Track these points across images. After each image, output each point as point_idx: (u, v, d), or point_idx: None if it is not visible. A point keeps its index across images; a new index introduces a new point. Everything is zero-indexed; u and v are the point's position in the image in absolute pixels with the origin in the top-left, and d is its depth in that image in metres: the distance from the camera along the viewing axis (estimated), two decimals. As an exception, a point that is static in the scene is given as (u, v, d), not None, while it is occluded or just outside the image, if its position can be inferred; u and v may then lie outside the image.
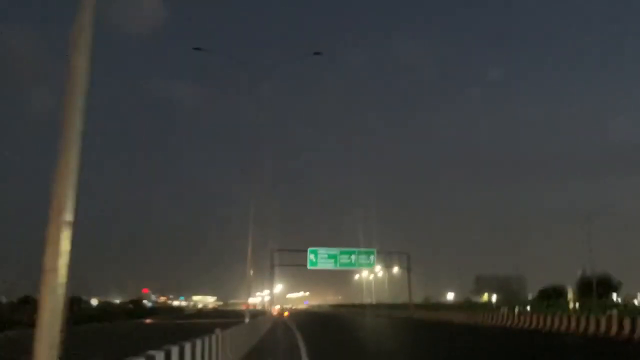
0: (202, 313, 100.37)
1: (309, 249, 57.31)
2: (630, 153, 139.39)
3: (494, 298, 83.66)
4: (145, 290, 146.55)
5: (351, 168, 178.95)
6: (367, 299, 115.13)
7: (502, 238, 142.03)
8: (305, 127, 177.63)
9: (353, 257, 57.54)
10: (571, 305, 41.48)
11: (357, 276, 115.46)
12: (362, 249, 58.23)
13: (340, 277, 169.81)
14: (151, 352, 5.60)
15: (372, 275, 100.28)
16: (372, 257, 57.67)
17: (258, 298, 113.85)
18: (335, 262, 57.27)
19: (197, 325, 37.45)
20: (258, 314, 38.60)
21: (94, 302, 57.60)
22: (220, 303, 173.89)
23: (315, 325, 35.96)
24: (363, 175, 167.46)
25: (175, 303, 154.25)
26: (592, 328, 24.54)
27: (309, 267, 56.94)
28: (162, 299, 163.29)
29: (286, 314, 54.32)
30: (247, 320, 21.02)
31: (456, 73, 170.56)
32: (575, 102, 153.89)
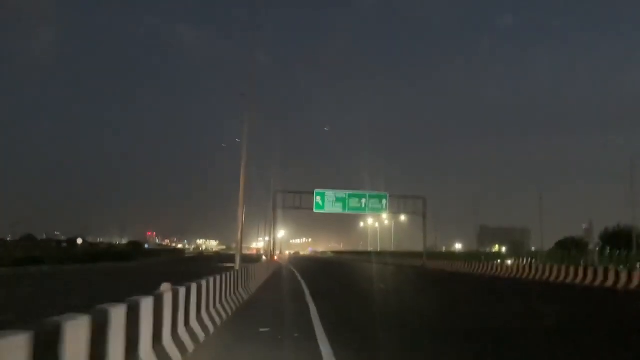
0: (202, 256, 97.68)
1: (316, 191, 52.08)
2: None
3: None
4: (149, 233, 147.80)
5: (356, 114, 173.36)
6: (369, 247, 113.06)
7: (512, 190, 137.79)
8: (310, 69, 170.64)
9: (363, 200, 52.28)
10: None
11: (362, 224, 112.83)
12: (374, 193, 52.89)
13: (343, 225, 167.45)
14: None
15: (378, 222, 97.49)
16: (384, 201, 52.35)
17: (261, 243, 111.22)
18: (344, 205, 52.09)
19: (182, 269, 33.40)
20: (255, 259, 34.05)
21: (79, 241, 52.96)
22: (224, 247, 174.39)
23: (323, 278, 31.03)
24: (371, 121, 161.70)
25: (180, 246, 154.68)
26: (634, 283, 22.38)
27: (315, 210, 51.86)
28: (166, 241, 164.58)
29: (275, 257, 49.58)
30: (237, 267, 15.74)
31: (465, 21, 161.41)
32: (588, 52, 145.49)
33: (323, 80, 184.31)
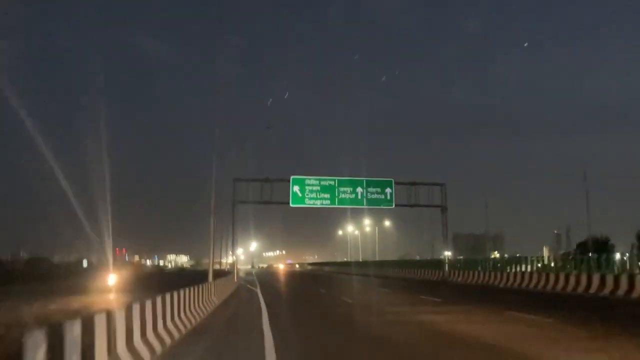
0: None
1: (293, 178, 36.92)
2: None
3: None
4: (117, 250, 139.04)
5: (330, 120, 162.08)
6: (349, 257, 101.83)
7: (480, 195, 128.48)
8: (281, 79, 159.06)
9: (359, 190, 37.24)
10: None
11: (340, 232, 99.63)
12: (374, 179, 37.96)
13: (317, 235, 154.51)
14: None
15: (358, 230, 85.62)
16: (388, 190, 37.37)
17: (232, 257, 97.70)
18: (333, 197, 36.99)
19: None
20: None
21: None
22: (193, 262, 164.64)
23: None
24: (344, 127, 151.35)
25: (148, 262, 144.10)
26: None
27: (292, 204, 36.65)
28: (136, 258, 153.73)
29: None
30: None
31: (433, 27, 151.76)
32: (552, 59, 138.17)
33: (292, 87, 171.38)
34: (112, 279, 18.44)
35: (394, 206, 37.73)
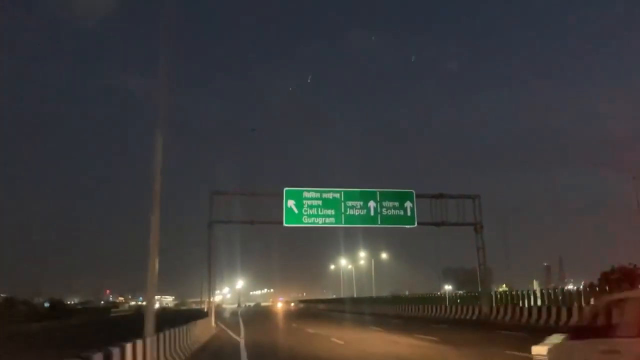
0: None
1: (286, 190, 28.87)
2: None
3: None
4: (107, 291, 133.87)
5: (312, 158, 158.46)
6: (331, 295, 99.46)
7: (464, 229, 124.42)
8: (259, 121, 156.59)
9: (372, 204, 29.22)
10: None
11: (332, 266, 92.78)
12: (390, 190, 30.04)
13: (307, 270, 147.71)
14: None
15: (351, 265, 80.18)
16: (408, 204, 29.39)
17: (219, 296, 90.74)
18: (338, 214, 28.90)
19: None
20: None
21: None
22: (177, 302, 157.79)
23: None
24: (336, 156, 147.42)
25: (133, 302, 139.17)
26: None
27: (285, 223, 28.42)
28: (120, 299, 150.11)
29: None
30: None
31: (411, 64, 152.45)
32: (529, 95, 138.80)
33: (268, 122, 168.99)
34: None
35: (416, 225, 29.64)
